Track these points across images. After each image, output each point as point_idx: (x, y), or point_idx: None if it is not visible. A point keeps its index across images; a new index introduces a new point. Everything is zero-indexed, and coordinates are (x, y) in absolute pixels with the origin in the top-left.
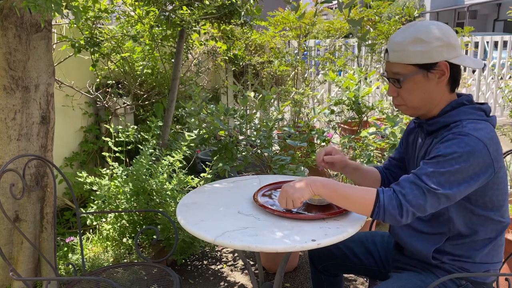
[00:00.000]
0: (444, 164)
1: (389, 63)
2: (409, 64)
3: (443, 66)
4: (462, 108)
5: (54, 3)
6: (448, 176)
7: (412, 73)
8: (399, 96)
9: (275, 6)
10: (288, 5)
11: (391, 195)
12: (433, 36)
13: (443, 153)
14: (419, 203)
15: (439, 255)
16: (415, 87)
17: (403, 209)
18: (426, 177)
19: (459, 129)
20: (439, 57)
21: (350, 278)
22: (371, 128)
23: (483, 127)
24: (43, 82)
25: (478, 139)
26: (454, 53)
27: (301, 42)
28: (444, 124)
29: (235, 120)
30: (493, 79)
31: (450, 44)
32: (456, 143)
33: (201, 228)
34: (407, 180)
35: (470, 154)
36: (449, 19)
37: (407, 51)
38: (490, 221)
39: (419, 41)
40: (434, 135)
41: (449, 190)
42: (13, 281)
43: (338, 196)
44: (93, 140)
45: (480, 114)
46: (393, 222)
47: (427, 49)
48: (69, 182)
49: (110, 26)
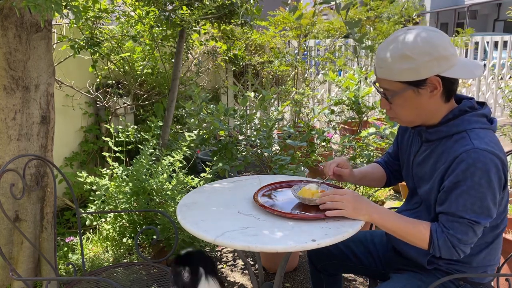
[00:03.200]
0: (470, 192)
1: (378, 78)
2: (397, 81)
3: (434, 81)
4: (465, 117)
5: (54, 3)
6: (481, 203)
7: (401, 90)
8: (392, 109)
9: (275, 6)
10: (286, 6)
11: (445, 238)
12: (420, 51)
13: (463, 179)
14: (470, 237)
15: (435, 260)
16: (406, 103)
17: (458, 250)
18: (463, 212)
19: (466, 142)
20: (429, 73)
21: (350, 278)
22: (371, 128)
23: (489, 137)
24: (43, 82)
25: (488, 152)
26: (446, 65)
27: (301, 42)
28: (447, 134)
29: (235, 120)
30: (493, 79)
31: (440, 57)
32: (472, 164)
33: (201, 228)
34: (447, 220)
35: (488, 172)
36: (449, 19)
37: (394, 69)
38: (488, 228)
39: (406, 58)
40: (434, 144)
41: (488, 217)
42: (13, 281)
43: (388, 229)
44: (93, 140)
45: (483, 121)
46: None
47: (415, 66)
48: (69, 182)
49: (110, 26)
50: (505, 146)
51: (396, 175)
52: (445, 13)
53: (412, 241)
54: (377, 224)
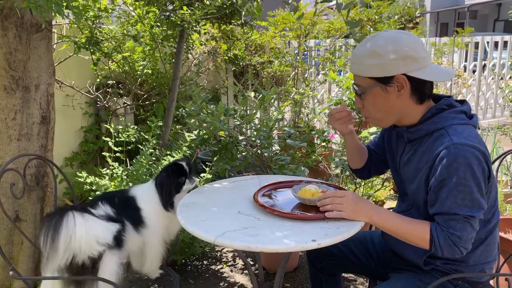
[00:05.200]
0: (458, 188)
1: (353, 75)
2: (367, 77)
3: (400, 79)
4: (444, 114)
5: (54, 3)
6: (470, 197)
7: (370, 86)
8: (365, 108)
9: (275, 6)
10: (287, 5)
11: (445, 237)
12: (388, 49)
13: (448, 176)
14: (469, 232)
15: (432, 260)
16: (375, 100)
17: (460, 247)
18: (456, 209)
19: (445, 139)
20: (395, 71)
21: (350, 278)
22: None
23: (468, 131)
24: (43, 82)
25: (468, 146)
26: (415, 66)
27: (301, 42)
28: (427, 132)
29: (235, 120)
30: (494, 79)
31: (407, 57)
32: (453, 159)
33: (201, 228)
34: (443, 220)
35: (471, 166)
36: (449, 19)
37: (363, 64)
38: (480, 223)
39: (374, 55)
40: (417, 143)
41: (480, 209)
42: (13, 280)
43: (388, 230)
44: (93, 140)
45: (461, 117)
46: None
47: (381, 62)
48: (69, 182)
49: (111, 26)
50: (505, 146)
51: (375, 165)
52: (445, 13)
53: (413, 241)
54: (377, 225)
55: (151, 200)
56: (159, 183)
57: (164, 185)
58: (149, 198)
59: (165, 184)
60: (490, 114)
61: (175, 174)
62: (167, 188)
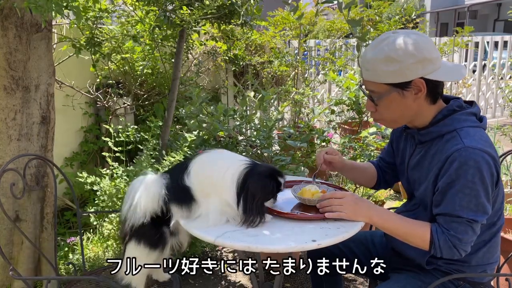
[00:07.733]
0: (465, 190)
1: (364, 80)
2: (382, 83)
3: (418, 83)
4: (455, 116)
5: (54, 3)
6: (476, 201)
7: (386, 92)
8: (377, 111)
9: (275, 6)
10: (287, 5)
11: (445, 238)
12: (405, 53)
13: (456, 178)
14: (470, 235)
15: (434, 260)
16: (391, 104)
17: (460, 250)
18: (460, 211)
19: (456, 142)
20: (413, 75)
21: (350, 278)
22: (371, 128)
23: (479, 135)
24: (43, 82)
25: (479, 150)
26: (431, 67)
27: (301, 42)
28: (439, 134)
29: (235, 120)
30: (494, 79)
31: (425, 59)
32: (464, 162)
33: (201, 228)
34: (445, 221)
35: (481, 170)
36: (449, 19)
37: (379, 70)
38: (484, 226)
39: (391, 60)
40: (427, 145)
41: (485, 214)
42: (13, 281)
43: (388, 231)
44: (93, 140)
45: (472, 120)
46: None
47: (399, 68)
48: (69, 182)
49: (111, 26)
50: (505, 146)
51: (387, 179)
52: (445, 13)
53: (413, 242)
54: (378, 226)
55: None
56: (252, 191)
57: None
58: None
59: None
60: (490, 114)
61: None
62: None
